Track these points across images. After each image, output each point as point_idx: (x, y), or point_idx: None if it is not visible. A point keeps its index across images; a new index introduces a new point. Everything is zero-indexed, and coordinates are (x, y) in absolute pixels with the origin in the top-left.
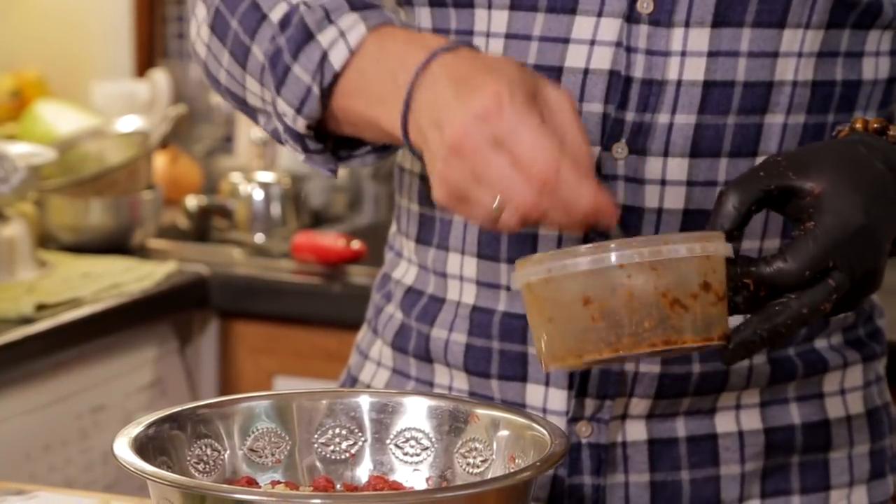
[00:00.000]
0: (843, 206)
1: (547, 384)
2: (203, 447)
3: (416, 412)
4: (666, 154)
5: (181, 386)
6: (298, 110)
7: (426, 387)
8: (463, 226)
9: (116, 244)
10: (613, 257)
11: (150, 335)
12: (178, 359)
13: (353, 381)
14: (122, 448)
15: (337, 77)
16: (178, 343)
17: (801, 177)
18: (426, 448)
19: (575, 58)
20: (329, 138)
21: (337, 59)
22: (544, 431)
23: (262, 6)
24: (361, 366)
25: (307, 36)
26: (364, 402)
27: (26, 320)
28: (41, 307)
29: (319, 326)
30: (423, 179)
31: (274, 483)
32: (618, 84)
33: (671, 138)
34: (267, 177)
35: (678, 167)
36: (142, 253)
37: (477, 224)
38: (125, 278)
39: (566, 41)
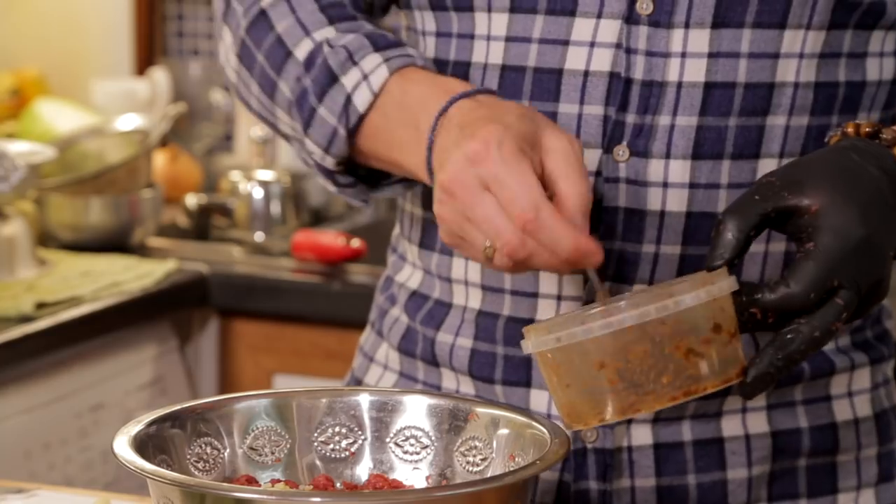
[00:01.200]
0: (841, 221)
1: None
2: (203, 445)
3: (415, 410)
4: (668, 156)
5: (181, 384)
6: (326, 150)
7: (434, 390)
8: None
9: (116, 242)
10: (621, 320)
11: (150, 333)
12: (178, 357)
13: (357, 383)
14: (122, 446)
15: (362, 118)
16: (177, 341)
17: (796, 195)
18: (426, 446)
19: (575, 60)
20: (360, 169)
21: (361, 102)
22: (544, 430)
23: (286, 42)
24: (366, 368)
25: (331, 78)
26: (364, 400)
27: (26, 319)
28: (41, 305)
29: (319, 325)
30: (427, 186)
31: (274, 482)
32: (618, 86)
33: (673, 140)
34: (267, 175)
35: (680, 169)
36: (141, 251)
37: (477, 262)
38: (125, 277)
39: (566, 43)
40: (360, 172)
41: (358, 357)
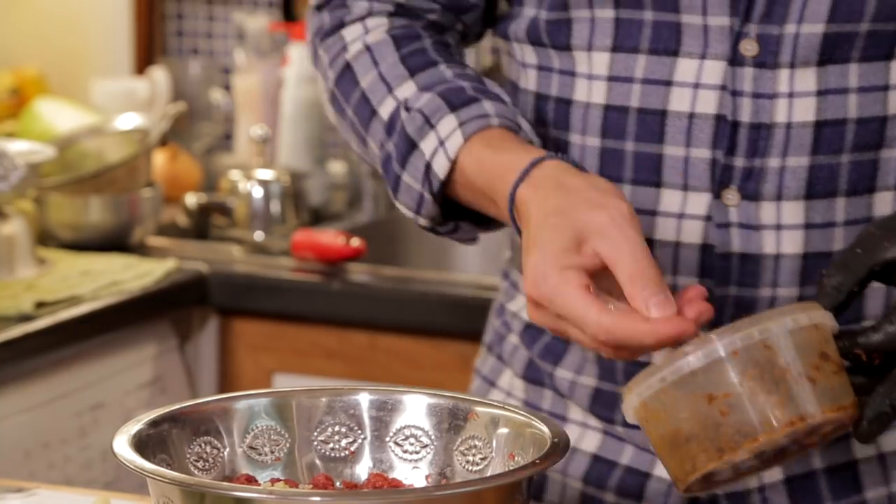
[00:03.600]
0: None
1: None
2: (202, 445)
3: (415, 410)
4: (780, 198)
5: (181, 383)
6: (417, 212)
7: (559, 420)
8: None
9: (116, 242)
10: (724, 348)
11: (150, 333)
12: (178, 356)
13: None
14: (122, 446)
15: (443, 184)
16: (177, 340)
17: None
18: (426, 446)
19: (679, 101)
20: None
21: (440, 168)
22: (544, 429)
23: (371, 100)
24: (486, 392)
25: (411, 145)
26: (363, 399)
27: (26, 318)
28: (40, 305)
29: (319, 324)
30: None
31: (273, 481)
32: (725, 129)
33: (784, 182)
34: (266, 174)
35: (793, 211)
36: (141, 250)
37: None
38: (124, 276)
39: (669, 84)
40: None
41: (475, 380)
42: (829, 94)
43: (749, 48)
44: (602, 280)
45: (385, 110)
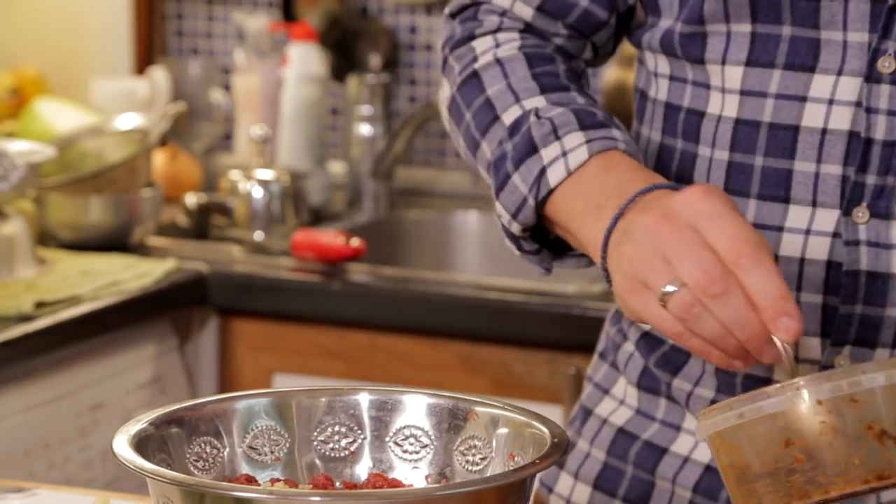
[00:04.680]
0: None
1: None
2: (202, 445)
3: (415, 410)
4: None
5: (180, 383)
6: (514, 216)
7: (672, 430)
8: None
9: (116, 242)
10: (810, 394)
11: (150, 333)
12: (178, 356)
13: (586, 414)
14: (122, 446)
15: (551, 192)
16: (177, 340)
17: None
18: (425, 446)
19: (812, 117)
20: (549, 234)
21: (554, 177)
22: (543, 429)
23: (495, 106)
24: (599, 399)
25: (532, 148)
26: (363, 399)
27: (25, 318)
28: (40, 305)
29: (319, 324)
30: None
31: (273, 481)
32: (857, 146)
33: None
34: (266, 174)
35: None
36: (141, 250)
37: (645, 321)
38: (124, 276)
39: (803, 99)
40: (550, 237)
41: (587, 387)
42: None
43: (887, 65)
44: None
45: (509, 116)
